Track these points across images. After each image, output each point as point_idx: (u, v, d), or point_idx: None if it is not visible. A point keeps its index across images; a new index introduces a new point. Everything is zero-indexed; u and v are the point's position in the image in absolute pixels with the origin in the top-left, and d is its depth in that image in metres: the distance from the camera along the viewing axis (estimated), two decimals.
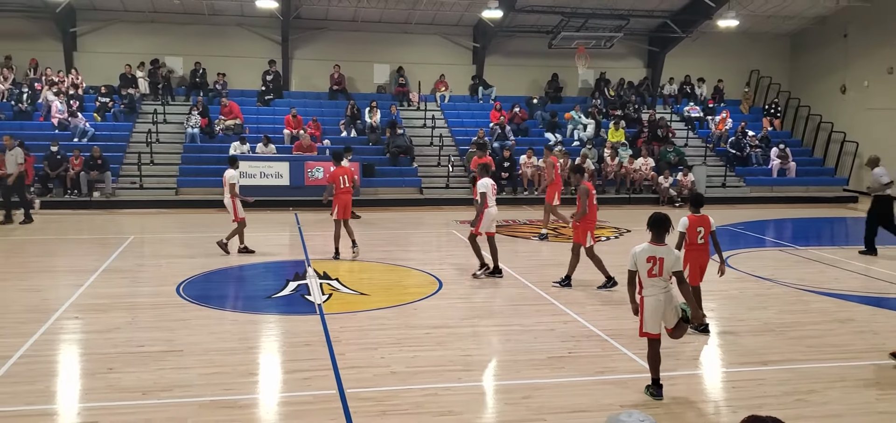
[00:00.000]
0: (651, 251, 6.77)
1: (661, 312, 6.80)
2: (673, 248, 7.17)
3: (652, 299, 6.78)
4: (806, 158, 27.41)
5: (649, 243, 6.82)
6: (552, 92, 28.38)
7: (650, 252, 6.77)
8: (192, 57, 26.20)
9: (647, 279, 6.78)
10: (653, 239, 6.83)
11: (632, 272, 6.88)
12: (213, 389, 7.01)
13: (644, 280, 6.80)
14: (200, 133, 23.56)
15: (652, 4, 26.37)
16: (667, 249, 6.85)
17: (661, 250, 6.78)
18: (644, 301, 6.82)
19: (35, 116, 23.78)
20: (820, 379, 7.50)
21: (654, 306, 6.78)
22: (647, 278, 6.78)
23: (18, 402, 6.64)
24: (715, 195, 24.31)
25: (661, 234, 6.84)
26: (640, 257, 6.79)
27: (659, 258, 6.73)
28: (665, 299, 6.80)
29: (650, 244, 6.80)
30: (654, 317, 6.80)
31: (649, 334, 6.87)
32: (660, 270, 6.74)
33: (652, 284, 6.78)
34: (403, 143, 24.10)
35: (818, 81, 28.89)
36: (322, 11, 26.18)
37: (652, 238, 6.83)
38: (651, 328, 6.83)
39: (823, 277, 12.67)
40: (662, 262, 6.73)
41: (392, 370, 7.58)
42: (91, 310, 9.76)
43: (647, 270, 6.76)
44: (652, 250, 6.77)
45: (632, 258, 6.85)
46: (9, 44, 25.08)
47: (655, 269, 6.74)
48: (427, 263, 13.48)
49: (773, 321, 9.71)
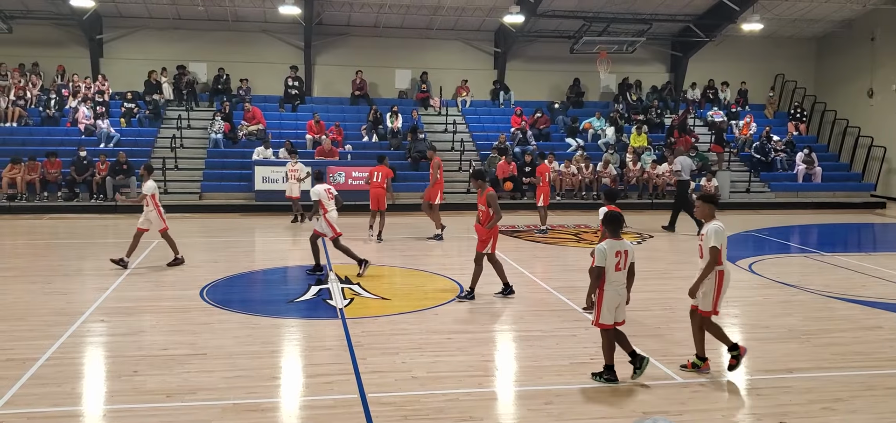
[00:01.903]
0: (618, 246, 7.20)
1: (617, 304, 7.25)
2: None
3: (612, 292, 7.20)
4: (832, 163, 27.09)
5: (612, 240, 7.23)
6: (574, 97, 28.29)
7: (618, 247, 7.20)
8: (215, 63, 26.45)
9: (614, 273, 7.19)
10: (612, 235, 7.27)
11: (601, 268, 7.19)
12: (237, 392, 7.05)
13: (609, 275, 7.18)
14: (224, 138, 23.77)
15: (675, 8, 26.22)
16: (628, 243, 7.36)
17: (625, 243, 7.28)
18: (604, 294, 7.21)
19: (62, 121, 24.11)
20: (847, 387, 7.40)
21: (612, 298, 7.21)
22: (613, 272, 7.18)
23: (45, 403, 6.73)
24: (739, 201, 24.11)
25: (618, 229, 7.32)
26: (609, 252, 7.16)
27: (624, 251, 7.23)
28: (621, 294, 7.27)
29: (614, 240, 7.22)
30: (610, 309, 7.22)
31: (604, 325, 7.28)
32: (625, 263, 7.23)
33: (615, 277, 7.21)
34: (424, 147, 24.11)
35: (844, 85, 28.54)
36: (344, 18, 26.33)
37: (611, 234, 7.28)
38: (606, 320, 7.26)
39: (850, 283, 12.50)
40: (627, 255, 7.25)
41: (413, 375, 7.58)
42: (116, 313, 9.87)
43: (614, 264, 7.17)
44: (618, 245, 7.21)
45: (601, 255, 7.16)
46: (36, 51, 25.48)
47: (621, 262, 7.21)
48: (448, 267, 13.48)
49: (799, 328, 9.59)
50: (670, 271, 13.74)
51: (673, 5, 25.89)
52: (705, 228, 7.54)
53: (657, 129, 27.04)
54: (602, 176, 23.73)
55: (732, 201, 24.02)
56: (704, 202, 7.74)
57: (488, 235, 10.74)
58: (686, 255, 15.96)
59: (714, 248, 7.34)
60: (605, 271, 7.18)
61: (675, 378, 7.59)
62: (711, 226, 7.46)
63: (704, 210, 7.69)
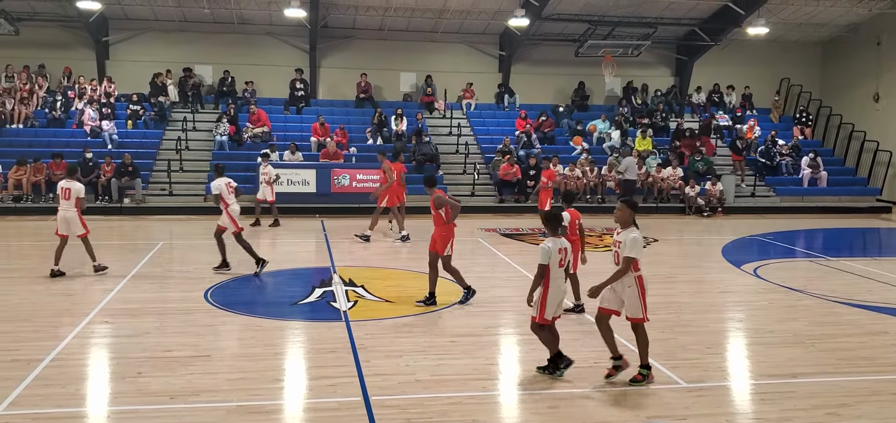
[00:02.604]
0: (561, 244, 7.50)
1: (559, 300, 7.54)
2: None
3: (555, 288, 7.46)
4: (838, 168, 27.02)
5: (554, 238, 7.50)
6: (579, 100, 28.28)
7: (561, 245, 7.49)
8: (221, 65, 26.51)
9: (557, 270, 7.46)
10: (552, 233, 7.55)
11: (545, 266, 7.38)
12: (240, 394, 7.06)
13: (553, 272, 7.42)
14: (229, 140, 23.82)
15: (680, 12, 26.19)
16: (565, 240, 7.69)
17: (564, 241, 7.61)
18: (549, 291, 7.42)
19: (68, 123, 24.18)
20: (852, 393, 7.37)
21: (555, 294, 7.47)
22: (556, 269, 7.45)
23: (50, 404, 6.74)
24: (744, 205, 24.07)
25: (558, 228, 7.63)
26: (553, 251, 7.40)
27: (565, 248, 7.56)
28: (563, 290, 7.62)
29: (556, 239, 7.50)
30: (553, 304, 7.47)
31: (547, 321, 7.52)
32: (566, 259, 7.58)
33: (558, 274, 7.49)
34: (429, 151, 24.15)
35: (850, 90, 28.47)
36: (349, 20, 26.37)
37: (552, 233, 7.56)
38: (549, 314, 7.50)
39: (856, 288, 12.46)
40: (567, 252, 7.58)
41: (417, 378, 7.58)
42: (121, 315, 9.88)
43: (558, 261, 7.44)
44: (561, 243, 7.52)
45: (546, 253, 7.37)
46: (43, 53, 25.58)
47: (563, 260, 7.53)
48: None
49: (804, 333, 9.56)
50: (675, 274, 13.71)
51: (678, 9, 25.86)
52: (623, 235, 7.49)
53: (662, 132, 27.01)
54: (607, 180, 23.72)
55: (738, 206, 23.98)
56: (626, 207, 7.68)
57: (447, 234, 10.59)
58: (691, 259, 15.94)
59: (628, 258, 7.38)
60: (549, 268, 7.37)
61: (680, 383, 7.58)
62: (630, 235, 7.45)
63: (624, 215, 7.62)
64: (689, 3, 25.45)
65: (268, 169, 19.15)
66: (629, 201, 7.84)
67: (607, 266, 14.52)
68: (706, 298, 11.69)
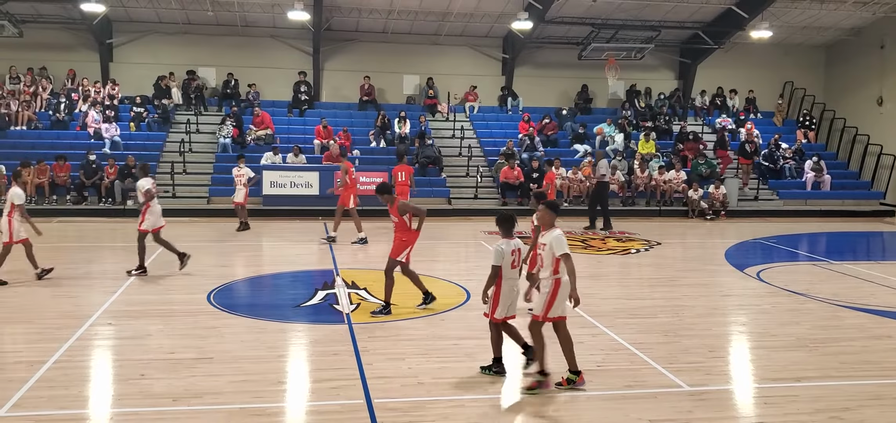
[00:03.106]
0: (515, 245, 7.69)
1: (511, 300, 7.70)
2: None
3: (507, 288, 7.64)
4: (841, 171, 26.99)
5: (507, 240, 7.67)
6: (582, 103, 28.28)
7: (514, 246, 7.67)
8: (224, 68, 26.56)
9: (510, 271, 7.64)
10: (505, 235, 7.71)
11: (498, 267, 7.57)
12: (243, 397, 7.06)
13: (506, 272, 7.60)
14: (232, 143, 23.85)
15: (683, 16, 26.19)
16: (520, 241, 7.85)
17: (518, 242, 7.78)
18: (502, 290, 7.61)
19: (72, 125, 24.24)
20: (855, 397, 7.35)
21: (508, 293, 7.65)
22: (509, 269, 7.63)
23: (53, 406, 6.75)
24: (747, 208, 24.04)
25: (511, 229, 7.76)
26: (506, 252, 7.59)
27: (518, 249, 7.73)
28: (516, 290, 7.75)
29: (509, 240, 7.67)
30: (505, 303, 7.66)
31: (498, 319, 7.70)
32: (519, 260, 7.74)
33: (512, 275, 7.67)
34: (432, 153, 24.16)
35: (854, 93, 28.44)
36: (353, 23, 26.40)
37: (505, 234, 7.71)
38: (501, 313, 7.68)
39: (859, 292, 12.44)
40: (520, 252, 7.75)
41: (419, 381, 7.58)
42: (124, 317, 9.90)
43: (511, 262, 7.62)
44: (515, 244, 7.70)
45: (499, 255, 7.56)
46: (47, 55, 25.66)
47: (516, 260, 7.71)
48: (455, 273, 13.47)
49: (807, 337, 9.54)
50: (678, 278, 13.70)
51: (682, 12, 25.86)
52: (547, 236, 7.40)
53: (665, 135, 27.00)
54: (610, 183, 23.69)
55: (741, 209, 23.96)
56: (547, 209, 7.64)
57: (409, 238, 10.24)
58: (694, 262, 15.93)
59: (566, 255, 7.26)
60: (502, 268, 7.57)
61: (682, 386, 7.56)
62: (553, 235, 7.38)
63: (546, 217, 7.59)
64: (692, 7, 25.44)
65: (243, 170, 18.70)
66: (551, 203, 7.84)
67: (610, 269, 14.52)
68: (709, 301, 11.68)
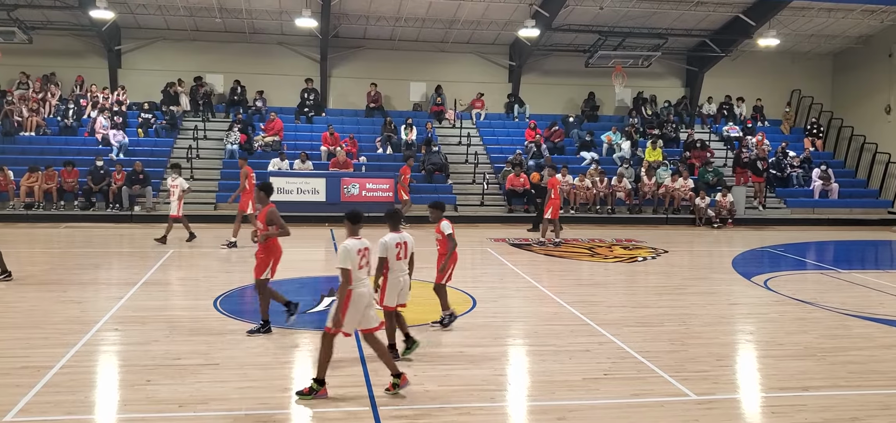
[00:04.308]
0: (399, 238, 8.20)
1: (399, 289, 8.29)
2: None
3: (394, 278, 8.23)
4: (849, 180, 26.89)
5: (393, 233, 8.20)
6: (589, 110, 28.27)
7: (399, 239, 8.20)
8: (232, 74, 26.66)
9: (396, 262, 8.19)
10: (392, 229, 8.26)
11: (384, 259, 8.13)
12: (249, 403, 7.06)
13: (392, 264, 8.16)
14: (239, 149, 23.91)
15: (690, 23, 26.17)
16: (408, 235, 8.37)
17: (404, 235, 8.30)
18: (388, 280, 8.20)
19: (80, 131, 24.34)
20: (864, 407, 7.31)
21: (394, 283, 8.24)
22: (395, 261, 8.18)
23: (59, 411, 6.76)
24: (754, 217, 23.96)
25: (397, 224, 8.32)
26: (391, 244, 8.13)
27: (404, 243, 8.26)
28: (403, 280, 8.28)
29: (394, 234, 8.20)
30: (393, 292, 8.26)
31: (388, 307, 8.27)
32: (405, 252, 8.27)
33: (397, 265, 8.21)
34: (438, 160, 24.17)
35: (861, 101, 28.36)
36: (360, 30, 26.47)
37: (392, 228, 8.26)
38: (390, 302, 8.30)
39: (867, 301, 12.37)
40: (407, 245, 8.29)
41: (425, 389, 7.56)
42: (130, 322, 9.91)
43: (396, 254, 8.16)
44: (399, 238, 8.21)
45: (384, 247, 8.09)
46: (56, 61, 25.81)
47: (402, 252, 8.25)
48: (461, 281, 13.43)
49: (815, 346, 9.49)
50: (685, 286, 13.65)
51: (689, 20, 25.85)
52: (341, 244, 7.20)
53: (672, 143, 26.96)
54: (616, 190, 23.68)
55: (748, 217, 23.88)
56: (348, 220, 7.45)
57: (266, 256, 9.54)
58: (701, 270, 15.87)
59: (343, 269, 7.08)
60: (388, 260, 8.13)
61: (689, 395, 7.53)
62: (343, 245, 7.17)
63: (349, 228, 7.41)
64: (699, 15, 25.43)
65: (178, 182, 17.61)
66: (352, 213, 7.54)
67: (617, 277, 14.47)
68: (716, 309, 11.63)
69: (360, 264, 7.27)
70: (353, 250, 7.20)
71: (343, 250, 7.21)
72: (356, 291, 7.19)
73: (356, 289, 7.19)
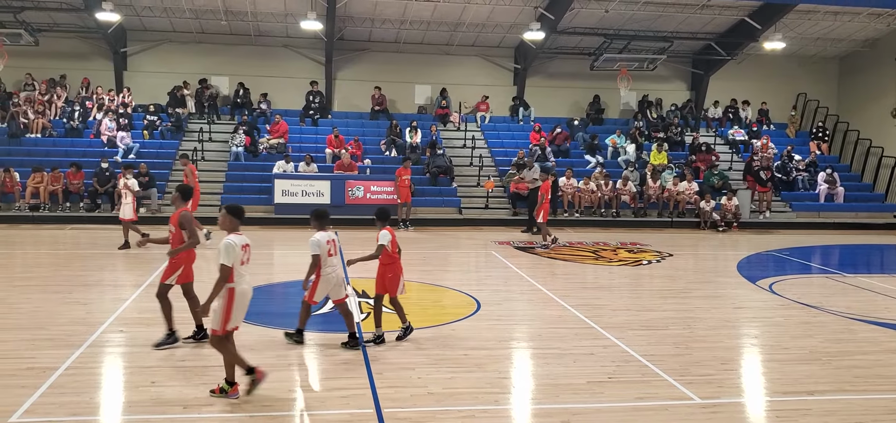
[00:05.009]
0: (329, 236, 8.67)
1: (332, 284, 8.73)
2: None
3: (326, 275, 8.64)
4: (855, 184, 26.81)
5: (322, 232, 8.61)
6: (594, 113, 28.25)
7: (328, 237, 8.66)
8: (237, 77, 26.71)
9: (327, 259, 8.62)
10: (318, 228, 8.63)
11: (318, 256, 8.52)
12: (253, 405, 7.06)
13: (324, 260, 8.58)
14: (244, 152, 23.96)
15: (696, 27, 26.14)
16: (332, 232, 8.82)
17: (332, 234, 8.72)
18: (320, 277, 8.64)
19: (86, 133, 24.41)
20: (869, 411, 7.28)
21: (326, 280, 8.68)
22: (326, 257, 8.60)
23: (64, 413, 6.78)
24: (760, 220, 23.90)
25: (323, 223, 8.76)
26: (321, 242, 8.54)
27: (332, 240, 8.67)
28: (335, 276, 8.74)
29: (323, 232, 8.62)
30: (324, 289, 8.74)
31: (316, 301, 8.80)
32: (335, 249, 8.66)
33: (329, 262, 8.66)
34: (443, 163, 24.18)
35: (868, 105, 28.27)
36: (365, 33, 26.50)
37: (319, 228, 8.64)
38: (319, 297, 8.78)
39: (873, 305, 12.34)
40: (335, 243, 8.70)
41: (429, 391, 7.56)
42: (135, 324, 9.94)
43: (327, 251, 8.59)
44: (329, 236, 8.68)
45: (315, 244, 8.50)
46: (62, 63, 25.89)
47: (332, 249, 8.66)
48: (465, 283, 13.46)
49: (820, 350, 9.47)
50: (690, 289, 13.63)
51: (694, 23, 25.82)
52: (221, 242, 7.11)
53: (678, 147, 26.92)
54: (621, 194, 23.66)
55: (753, 221, 23.83)
56: (228, 214, 7.32)
57: (176, 262, 8.92)
58: (706, 274, 15.84)
59: (223, 265, 7.01)
60: (320, 257, 8.53)
61: (694, 398, 7.52)
62: (224, 240, 7.11)
63: (227, 222, 7.29)
64: (705, 18, 25.40)
65: (131, 182, 17.07)
66: (231, 207, 7.41)
67: (621, 280, 14.45)
68: (721, 313, 11.61)
69: (329, 252, 8.37)
70: (323, 240, 8.29)
71: (312, 241, 8.11)
72: (239, 288, 7.14)
73: (239, 286, 7.14)
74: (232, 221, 7.30)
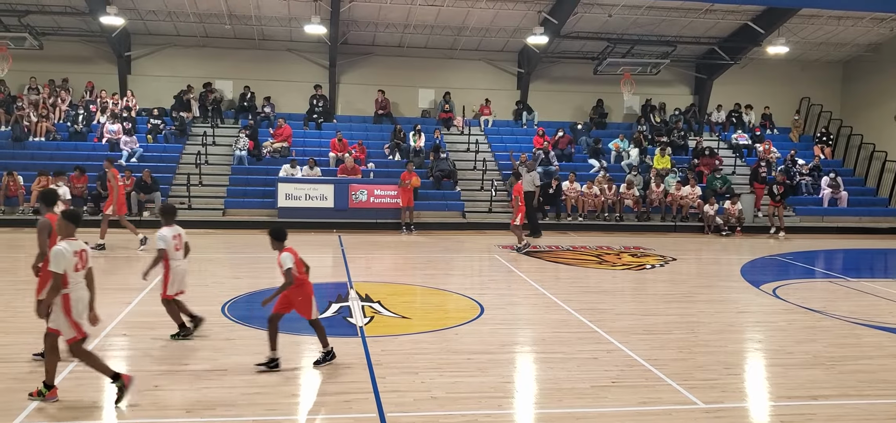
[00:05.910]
0: (175, 231, 9.05)
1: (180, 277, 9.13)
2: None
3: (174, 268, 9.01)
4: (858, 188, 26.77)
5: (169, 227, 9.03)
6: (597, 118, 28.25)
7: (175, 232, 9.03)
8: (241, 81, 26.76)
9: (175, 253, 9.01)
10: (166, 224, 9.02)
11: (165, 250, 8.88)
12: (256, 409, 7.07)
13: (171, 255, 8.96)
14: (248, 155, 23.99)
15: (699, 31, 26.14)
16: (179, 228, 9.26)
17: (178, 229, 9.09)
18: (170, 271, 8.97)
19: (90, 137, 24.46)
20: (873, 416, 7.27)
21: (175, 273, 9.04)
22: (174, 252, 9.00)
23: (67, 416, 6.79)
24: (763, 224, 23.85)
25: (171, 219, 9.13)
26: (168, 237, 8.92)
27: (179, 235, 9.13)
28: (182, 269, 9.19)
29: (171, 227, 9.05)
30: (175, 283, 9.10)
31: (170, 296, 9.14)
32: (180, 244, 9.12)
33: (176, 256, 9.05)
34: (447, 167, 24.19)
35: (871, 109, 28.23)
36: (369, 37, 26.54)
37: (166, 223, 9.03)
38: (172, 291, 9.17)
39: (876, 310, 12.31)
40: (181, 237, 9.09)
41: (432, 395, 7.56)
42: (138, 327, 9.94)
43: (173, 246, 8.95)
44: (175, 231, 9.08)
45: (161, 239, 8.88)
46: (66, 67, 25.96)
47: (179, 243, 9.11)
48: (469, 287, 13.46)
49: (824, 355, 9.45)
50: (693, 293, 13.61)
51: (697, 28, 25.82)
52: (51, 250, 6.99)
53: (681, 151, 26.90)
54: (625, 198, 23.64)
55: (756, 225, 23.79)
56: (64, 219, 7.18)
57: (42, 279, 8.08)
58: (709, 278, 15.83)
59: (54, 273, 6.83)
60: (167, 252, 8.81)
61: (697, 403, 7.50)
62: (54, 248, 6.97)
63: (63, 228, 7.13)
64: (708, 22, 25.39)
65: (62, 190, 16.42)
66: (68, 212, 7.25)
67: (625, 284, 14.45)
68: (724, 317, 11.59)
69: (176, 247, 8.84)
70: (169, 236, 8.80)
71: (158, 236, 8.55)
72: (74, 294, 6.99)
73: (74, 293, 6.99)
74: (68, 226, 7.10)
